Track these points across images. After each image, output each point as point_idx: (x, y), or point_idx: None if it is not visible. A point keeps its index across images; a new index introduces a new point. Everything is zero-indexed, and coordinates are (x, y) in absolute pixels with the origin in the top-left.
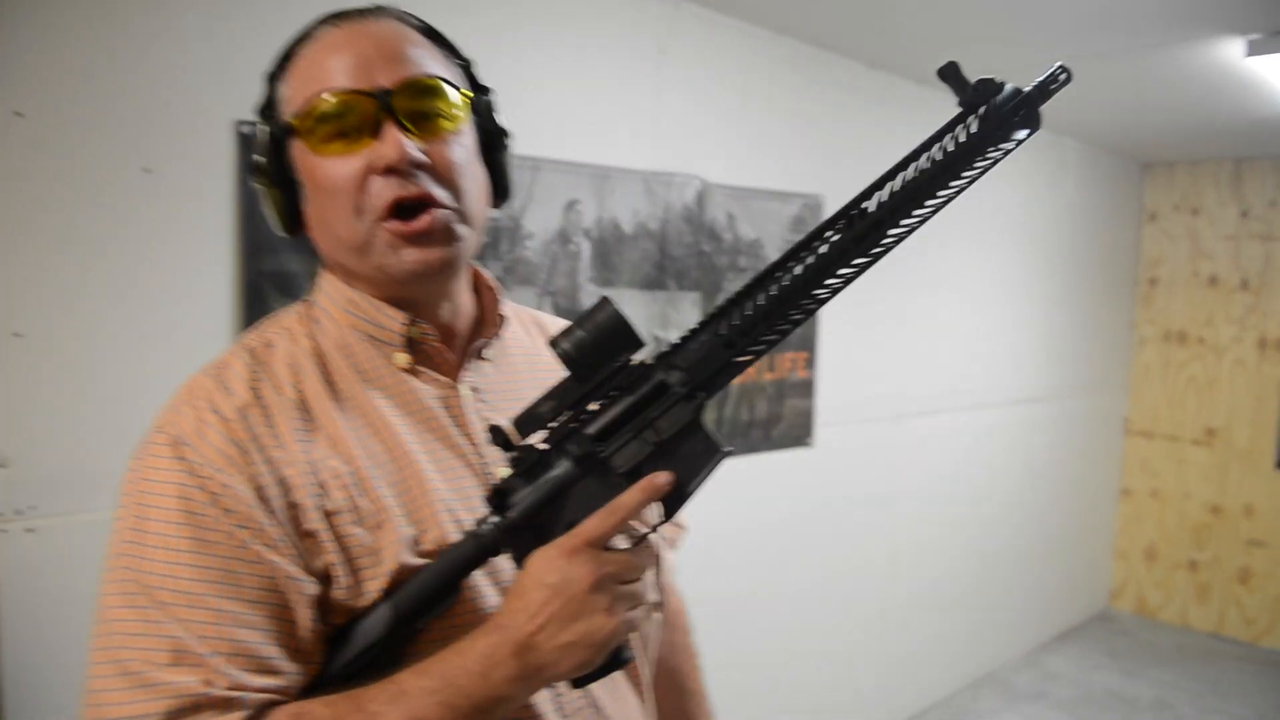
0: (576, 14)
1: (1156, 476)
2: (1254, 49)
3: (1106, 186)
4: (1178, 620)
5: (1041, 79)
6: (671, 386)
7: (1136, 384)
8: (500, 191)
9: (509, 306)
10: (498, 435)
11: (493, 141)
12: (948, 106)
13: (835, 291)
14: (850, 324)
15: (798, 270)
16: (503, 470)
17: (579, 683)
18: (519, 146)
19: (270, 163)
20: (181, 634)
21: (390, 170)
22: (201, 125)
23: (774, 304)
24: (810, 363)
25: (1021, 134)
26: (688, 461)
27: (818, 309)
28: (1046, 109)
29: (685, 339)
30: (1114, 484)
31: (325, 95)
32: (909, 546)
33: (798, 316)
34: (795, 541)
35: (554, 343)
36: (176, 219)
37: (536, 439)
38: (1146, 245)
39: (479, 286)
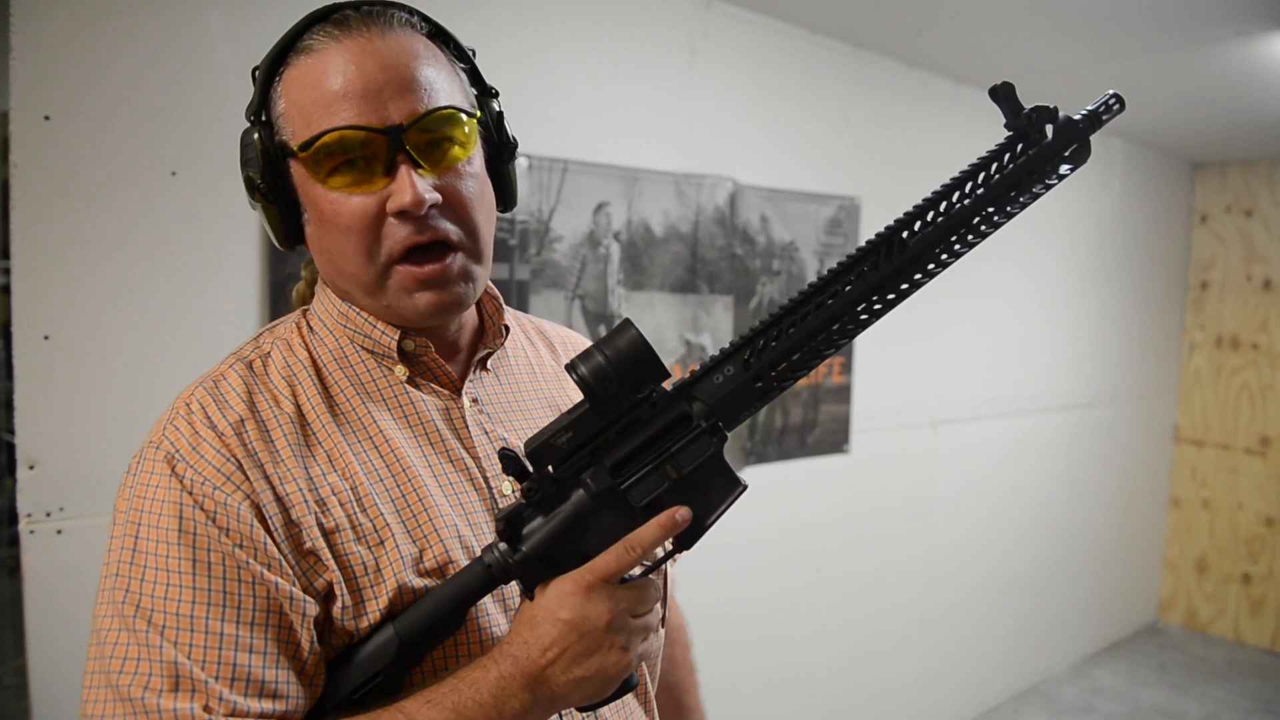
0: (606, 14)
1: (1207, 486)
2: None
3: (1155, 187)
4: (1230, 635)
5: (1093, 107)
6: (693, 419)
7: (1186, 390)
8: (505, 200)
9: (511, 315)
10: (511, 464)
11: (500, 153)
12: (988, 106)
13: (866, 325)
14: (888, 328)
15: (831, 303)
16: (506, 486)
17: (586, 708)
18: (548, 148)
19: (267, 180)
20: (180, 658)
21: (404, 214)
22: (227, 128)
23: (804, 337)
24: (847, 368)
25: (1066, 169)
26: (706, 495)
27: (849, 341)
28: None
29: (709, 368)
30: (1163, 493)
31: (334, 132)
32: (949, 555)
33: (828, 351)
34: (832, 549)
35: (571, 367)
36: (203, 221)
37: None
38: (1197, 248)
39: (480, 296)
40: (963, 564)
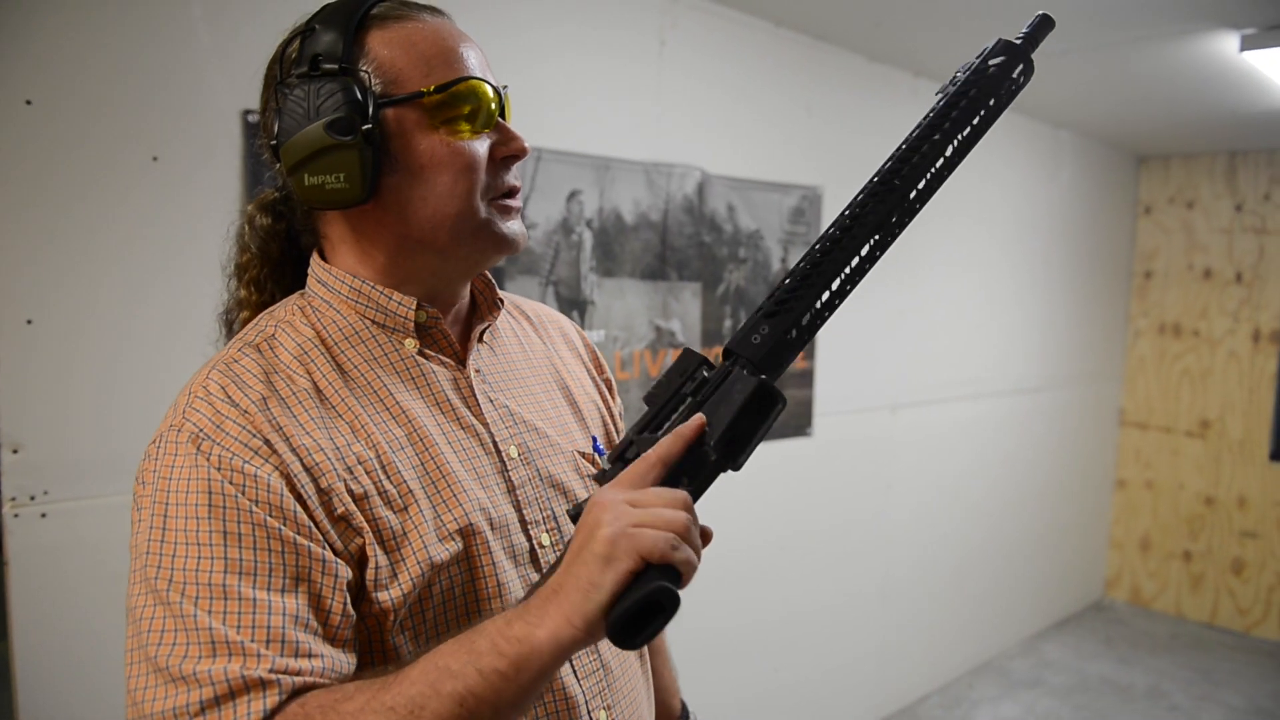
0: (577, 6)
1: (1151, 467)
2: (1248, 43)
3: (1102, 179)
4: (1172, 610)
5: (1026, 30)
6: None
7: (1131, 376)
8: None
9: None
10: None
11: None
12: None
13: (877, 258)
14: (848, 315)
15: (848, 245)
16: (513, 450)
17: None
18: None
19: (364, 123)
20: (215, 625)
21: (512, 159)
22: (209, 113)
23: (830, 249)
24: (810, 354)
25: (1018, 71)
26: (724, 404)
27: (870, 267)
28: (1045, 102)
29: (743, 330)
30: (1109, 475)
31: (469, 80)
32: (906, 536)
33: (852, 287)
34: (794, 530)
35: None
36: (185, 207)
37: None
38: (1141, 238)
39: None
40: (919, 543)
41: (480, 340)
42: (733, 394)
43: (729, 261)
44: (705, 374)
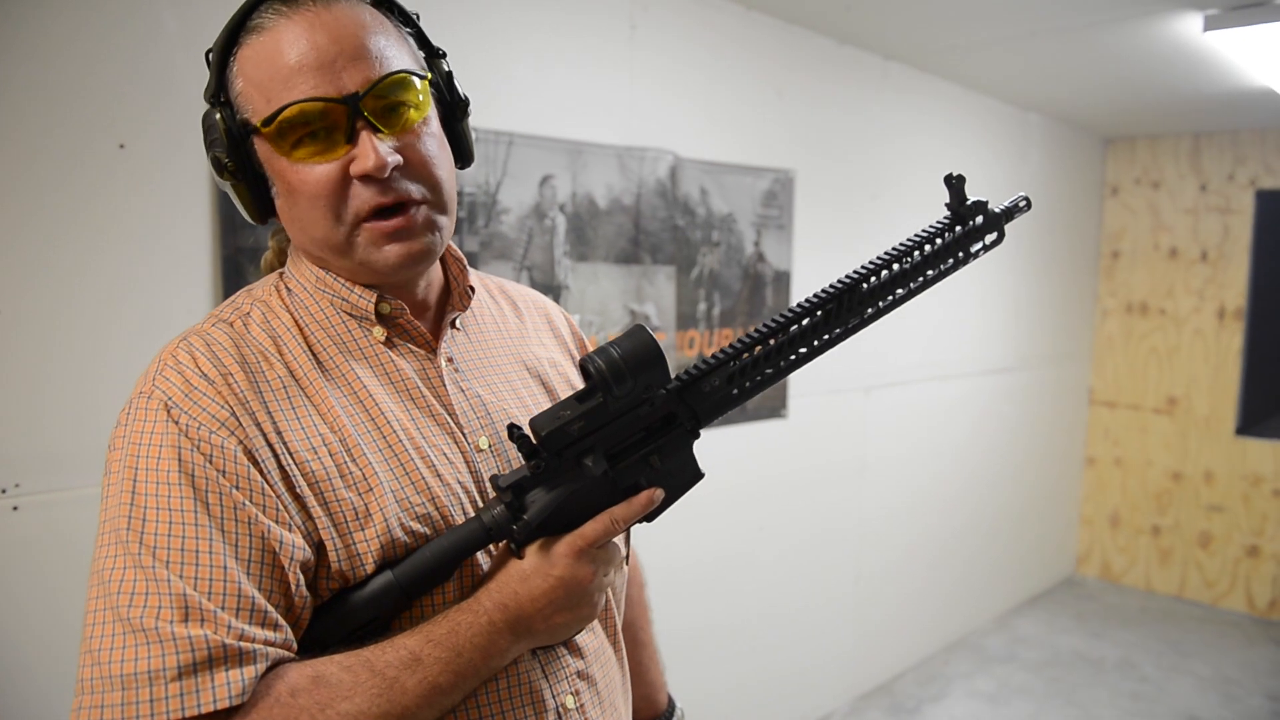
0: None
1: (1120, 445)
2: (1211, 24)
3: (1070, 160)
4: (1141, 584)
5: (1009, 205)
6: (680, 420)
7: (1100, 355)
8: (462, 157)
9: (474, 275)
10: (524, 443)
11: (453, 111)
12: (912, 81)
13: (824, 351)
14: None
15: (800, 335)
16: (483, 441)
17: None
18: (494, 121)
19: (233, 158)
20: (188, 590)
21: (368, 177)
22: (175, 101)
23: (779, 364)
24: None
25: (991, 238)
26: (675, 479)
27: (808, 361)
28: (1012, 85)
29: (699, 376)
30: (1079, 452)
31: (293, 106)
32: (881, 515)
33: (791, 371)
34: (770, 511)
35: (585, 361)
36: (153, 195)
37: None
38: (1108, 218)
39: (445, 258)
40: (893, 522)
41: (453, 326)
42: (684, 476)
43: (702, 245)
44: (663, 392)
